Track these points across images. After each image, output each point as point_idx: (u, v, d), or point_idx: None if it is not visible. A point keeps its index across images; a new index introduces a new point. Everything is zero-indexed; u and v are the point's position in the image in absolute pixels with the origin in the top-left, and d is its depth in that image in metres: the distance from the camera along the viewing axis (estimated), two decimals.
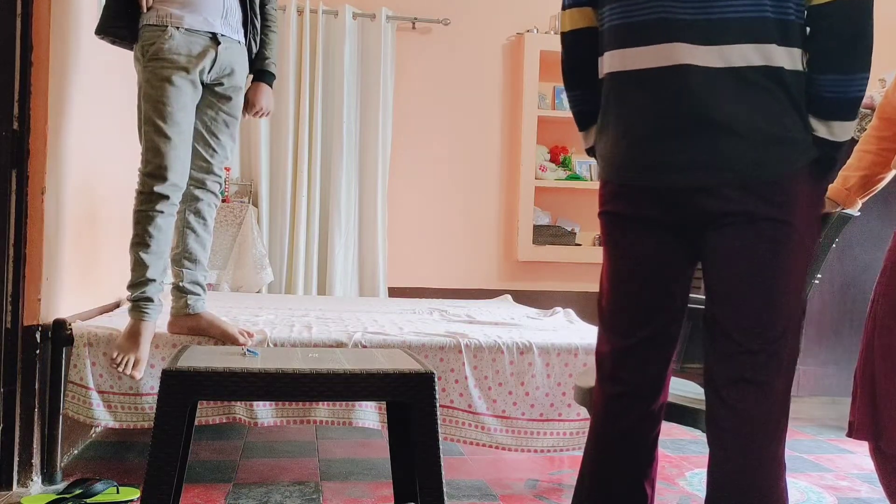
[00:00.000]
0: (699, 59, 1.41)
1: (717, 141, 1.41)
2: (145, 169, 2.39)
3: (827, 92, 1.43)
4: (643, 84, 1.47)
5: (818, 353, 3.84)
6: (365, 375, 1.79)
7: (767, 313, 1.46)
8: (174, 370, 1.80)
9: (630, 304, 1.59)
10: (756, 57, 1.39)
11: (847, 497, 2.65)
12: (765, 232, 1.43)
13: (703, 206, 1.45)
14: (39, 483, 2.42)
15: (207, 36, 2.45)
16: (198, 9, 2.43)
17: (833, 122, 1.44)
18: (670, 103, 1.43)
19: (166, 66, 2.37)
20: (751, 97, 1.40)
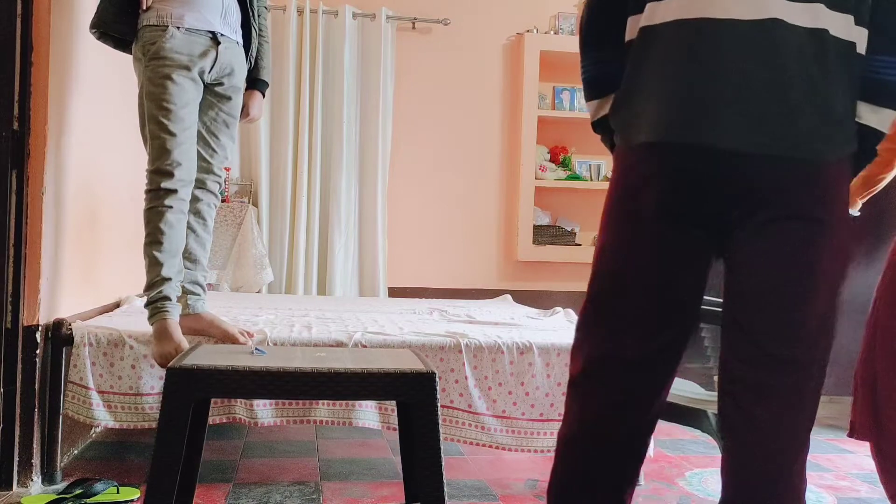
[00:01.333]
0: (790, 15, 1.27)
1: (794, 112, 1.27)
2: (152, 166, 2.38)
3: (889, 75, 1.32)
4: (724, 36, 1.29)
5: None
6: (366, 375, 1.79)
7: (803, 320, 1.34)
8: (178, 368, 1.80)
9: (649, 305, 1.39)
10: (838, 26, 1.29)
11: (847, 497, 2.66)
12: (808, 229, 1.31)
13: (752, 182, 1.29)
14: (39, 483, 2.42)
15: (208, 35, 2.45)
16: (197, 8, 2.42)
17: (886, 110, 1.35)
18: (755, 61, 1.27)
19: (168, 64, 2.36)
20: (829, 69, 1.28)
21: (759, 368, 1.34)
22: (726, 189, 1.32)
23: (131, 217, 3.42)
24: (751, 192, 1.31)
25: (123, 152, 3.27)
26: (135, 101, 2.54)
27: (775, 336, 1.33)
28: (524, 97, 4.83)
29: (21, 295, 2.36)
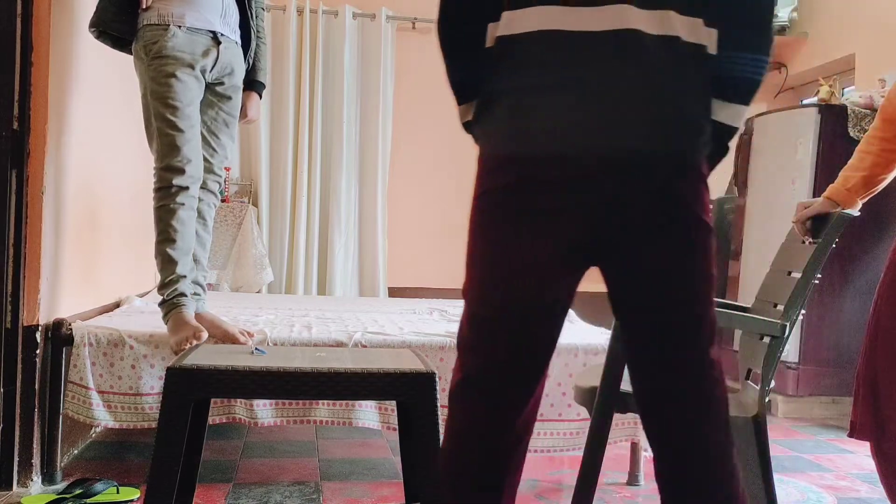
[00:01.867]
0: (645, 24, 1.28)
1: (655, 118, 1.28)
2: (162, 164, 2.38)
3: (740, 71, 1.34)
4: (582, 47, 1.29)
5: (818, 353, 3.84)
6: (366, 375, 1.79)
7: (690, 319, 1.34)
8: (178, 367, 1.80)
9: (522, 307, 1.36)
10: (688, 30, 1.30)
11: (847, 497, 2.65)
12: (679, 232, 1.32)
13: (617, 188, 1.29)
14: (39, 483, 2.42)
15: (209, 35, 2.46)
16: (198, 8, 2.43)
17: (738, 106, 1.36)
18: (617, 71, 1.28)
19: (171, 62, 2.37)
20: (684, 73, 1.30)
21: (663, 371, 1.35)
22: (591, 196, 1.31)
23: (131, 217, 3.42)
24: (616, 198, 1.30)
25: (123, 152, 3.27)
26: (135, 101, 2.54)
27: (667, 337, 1.34)
28: None
29: (21, 295, 2.36)
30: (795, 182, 3.89)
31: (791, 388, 3.85)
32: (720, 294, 4.45)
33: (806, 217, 2.03)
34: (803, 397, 3.86)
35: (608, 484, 2.67)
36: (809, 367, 3.84)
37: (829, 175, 3.78)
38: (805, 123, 3.88)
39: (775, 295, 2.05)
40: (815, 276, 1.90)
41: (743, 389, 2.10)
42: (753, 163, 4.25)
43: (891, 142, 2.00)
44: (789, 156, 3.96)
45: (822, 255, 1.89)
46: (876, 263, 3.83)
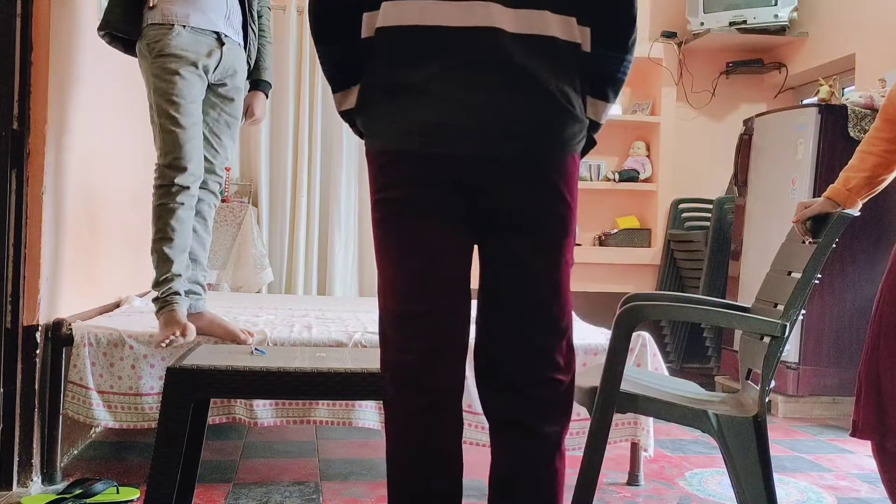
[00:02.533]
0: (506, 22, 1.32)
1: (524, 111, 1.34)
2: (164, 160, 2.38)
3: (609, 70, 1.42)
4: (447, 42, 1.33)
5: (818, 353, 3.84)
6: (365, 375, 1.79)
7: (561, 309, 1.46)
8: (178, 368, 1.81)
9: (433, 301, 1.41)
10: (558, 28, 1.35)
11: (847, 497, 2.65)
12: (556, 223, 1.41)
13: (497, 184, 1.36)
14: (39, 483, 2.42)
15: (213, 35, 2.46)
16: (202, 8, 2.44)
17: (605, 104, 1.44)
18: (480, 67, 1.32)
19: (174, 60, 2.37)
20: (559, 69, 1.35)
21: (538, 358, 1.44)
22: (473, 191, 1.37)
23: (131, 217, 3.41)
24: (497, 193, 1.36)
25: (124, 152, 3.26)
26: (135, 101, 2.55)
27: (545, 327, 1.43)
28: None
29: (21, 295, 2.36)
30: (795, 182, 3.89)
31: (791, 389, 3.85)
32: (720, 294, 4.45)
33: (806, 217, 2.03)
34: (803, 397, 3.86)
35: (608, 484, 2.67)
36: (809, 367, 3.84)
37: (829, 175, 3.79)
38: (805, 124, 3.88)
39: (775, 295, 2.05)
40: (816, 276, 1.90)
41: (743, 389, 2.09)
42: (753, 163, 4.25)
43: (892, 142, 2.00)
44: (789, 156, 3.96)
45: (822, 255, 1.89)
46: (876, 263, 3.83)
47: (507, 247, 1.41)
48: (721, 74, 5.18)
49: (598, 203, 5.18)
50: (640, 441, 2.60)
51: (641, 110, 5.16)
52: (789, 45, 4.96)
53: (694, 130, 5.19)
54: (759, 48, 5.10)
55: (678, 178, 5.10)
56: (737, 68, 5.13)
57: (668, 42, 5.06)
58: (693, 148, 5.16)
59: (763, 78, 5.25)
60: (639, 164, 5.14)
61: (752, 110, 4.94)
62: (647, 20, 5.17)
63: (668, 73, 5.05)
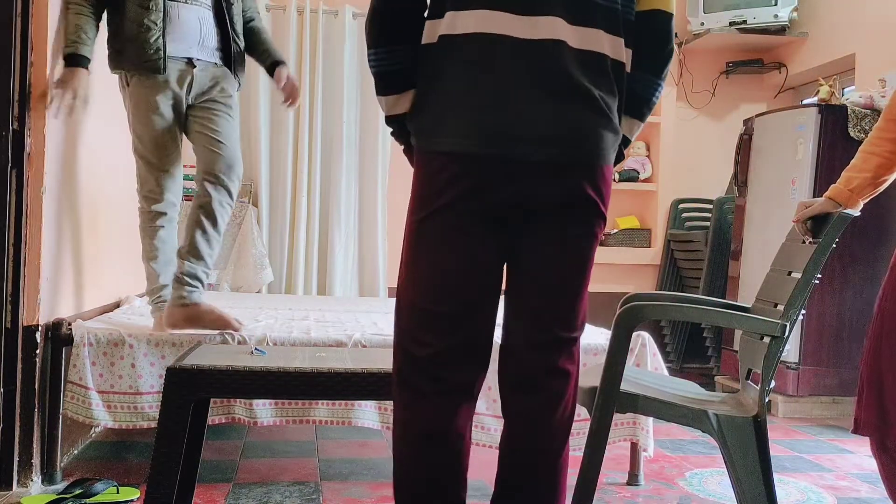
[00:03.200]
0: (569, 37, 1.42)
1: (579, 119, 1.43)
2: (142, 191, 2.61)
3: (644, 92, 1.55)
4: (514, 51, 1.41)
5: (818, 352, 3.84)
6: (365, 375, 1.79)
7: (579, 305, 1.55)
8: (178, 368, 1.81)
9: (459, 300, 1.48)
10: (612, 48, 1.46)
11: (847, 497, 2.65)
12: (591, 226, 1.50)
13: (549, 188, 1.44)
14: (39, 483, 2.42)
15: (184, 61, 2.58)
16: (176, 38, 2.55)
17: (638, 122, 1.57)
18: (543, 76, 1.41)
19: (149, 92, 2.52)
20: (607, 85, 1.46)
21: (552, 349, 1.53)
22: (528, 194, 1.44)
23: (131, 217, 3.41)
24: (541, 196, 1.44)
25: (123, 152, 3.26)
26: None
27: (564, 321, 1.53)
28: None
29: (21, 295, 2.35)
30: (795, 182, 3.89)
31: (791, 389, 3.85)
32: (720, 294, 4.45)
33: (807, 217, 2.03)
34: (803, 397, 3.86)
35: (608, 484, 2.67)
36: (809, 367, 3.84)
37: (829, 175, 3.79)
38: (805, 124, 3.88)
39: (775, 295, 2.05)
40: (816, 276, 1.90)
41: (743, 389, 2.10)
42: (754, 163, 4.25)
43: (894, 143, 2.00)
44: (789, 156, 3.96)
45: (822, 255, 1.89)
46: (876, 263, 3.83)
47: (540, 248, 1.50)
48: (721, 74, 5.18)
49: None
50: (640, 441, 2.60)
51: None
52: (789, 45, 4.96)
53: (694, 130, 5.19)
54: (759, 48, 5.10)
55: (678, 178, 5.10)
56: (737, 68, 5.13)
57: None
58: (693, 148, 5.16)
59: (763, 78, 5.25)
60: (639, 164, 5.14)
61: (752, 110, 4.94)
62: None
63: (669, 73, 5.05)
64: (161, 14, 2.50)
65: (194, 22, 2.58)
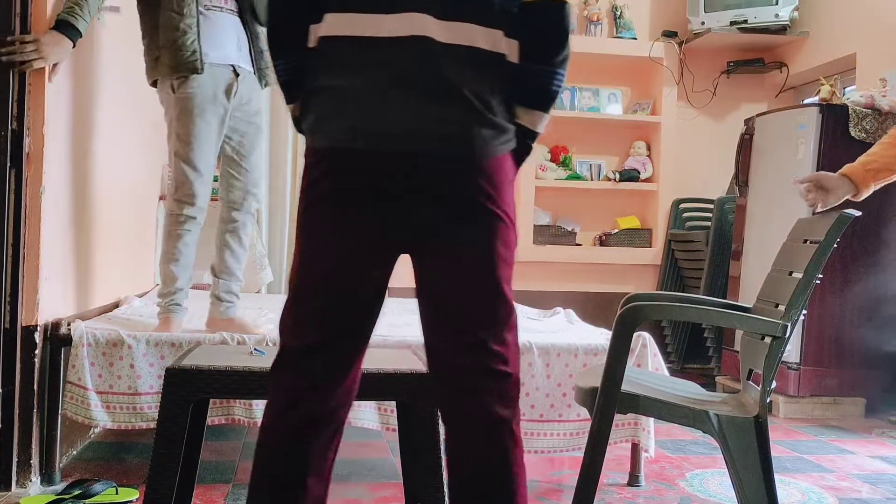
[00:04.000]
0: (436, 32, 1.41)
1: (453, 116, 1.41)
2: (176, 195, 2.65)
3: (534, 81, 1.48)
4: (379, 50, 1.42)
5: (819, 353, 3.83)
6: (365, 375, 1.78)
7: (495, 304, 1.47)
8: (177, 368, 1.80)
9: (330, 294, 1.49)
10: (483, 40, 1.43)
11: (848, 497, 2.65)
12: (479, 222, 1.44)
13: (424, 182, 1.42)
14: (38, 483, 2.41)
15: (229, 68, 2.64)
16: (218, 45, 2.61)
17: (538, 112, 1.50)
18: (406, 73, 1.41)
19: (194, 101, 2.57)
20: (481, 78, 1.42)
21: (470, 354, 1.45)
22: (402, 188, 1.42)
23: (131, 217, 3.41)
24: (424, 190, 1.42)
25: (123, 152, 3.26)
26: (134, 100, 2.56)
27: (476, 324, 1.45)
28: None
29: (19, 295, 2.35)
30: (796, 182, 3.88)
31: (792, 389, 3.84)
32: (721, 294, 4.45)
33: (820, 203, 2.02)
34: (804, 398, 3.86)
35: (609, 485, 2.66)
36: (810, 367, 3.83)
37: None
38: (806, 123, 3.87)
39: (776, 295, 2.04)
40: (817, 276, 1.89)
41: (744, 390, 2.09)
42: (754, 162, 4.24)
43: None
44: (790, 156, 3.95)
45: (823, 255, 1.88)
46: (876, 263, 3.83)
47: (433, 247, 1.47)
48: (722, 74, 5.18)
49: (598, 203, 5.17)
50: (641, 441, 2.60)
51: (642, 110, 5.16)
52: (790, 44, 4.95)
53: (695, 130, 5.18)
54: (759, 48, 5.09)
55: (679, 178, 5.09)
56: (738, 68, 5.13)
57: (668, 41, 5.05)
58: (694, 148, 5.16)
59: (764, 77, 5.25)
60: (639, 164, 5.14)
61: (753, 110, 4.93)
62: (647, 20, 5.17)
63: (669, 73, 5.05)
64: (195, 19, 2.55)
65: (230, 27, 2.65)
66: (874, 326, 3.83)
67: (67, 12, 2.38)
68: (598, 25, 5.04)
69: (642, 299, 2.09)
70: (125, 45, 3.02)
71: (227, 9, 2.65)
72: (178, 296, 2.68)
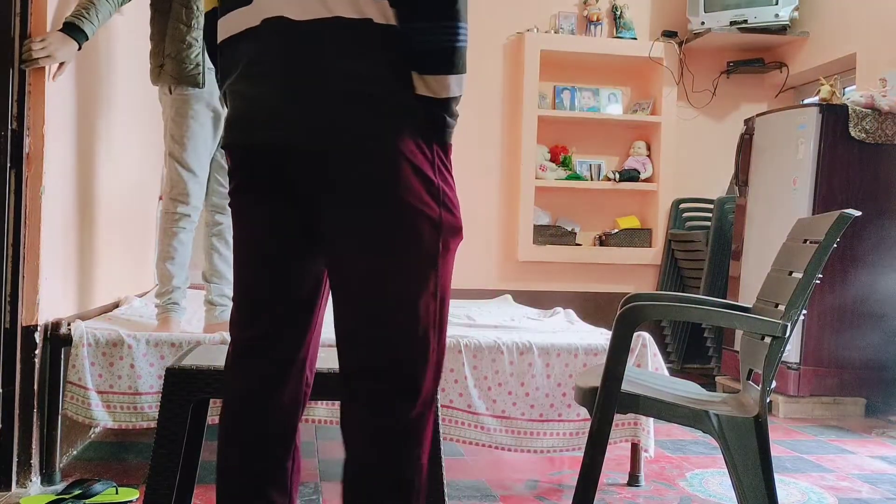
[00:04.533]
0: (289, 10, 1.30)
1: (312, 99, 1.30)
2: (170, 194, 2.70)
3: (418, 43, 1.29)
4: (241, 46, 1.38)
5: (819, 353, 3.83)
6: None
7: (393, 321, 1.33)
8: (177, 368, 1.80)
9: (247, 293, 1.45)
10: (343, 9, 1.28)
11: (848, 497, 2.65)
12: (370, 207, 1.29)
13: (309, 169, 1.32)
14: (38, 483, 2.41)
15: None
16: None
17: (429, 77, 1.31)
18: (262, 61, 1.34)
19: (189, 103, 2.63)
20: (345, 51, 1.29)
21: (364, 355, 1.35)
22: (290, 183, 1.35)
23: (130, 217, 3.41)
24: (312, 185, 1.32)
25: (123, 151, 3.26)
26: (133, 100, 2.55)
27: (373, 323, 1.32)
28: (524, 96, 4.82)
29: (20, 295, 2.35)
30: (797, 182, 3.88)
31: (792, 389, 3.84)
32: (721, 294, 4.45)
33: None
34: (804, 398, 3.86)
35: (609, 484, 2.66)
36: (810, 367, 3.83)
37: (830, 174, 3.79)
38: (806, 123, 3.87)
39: (776, 295, 2.04)
40: (817, 276, 1.89)
41: (744, 390, 2.09)
42: (754, 162, 4.24)
43: None
44: (790, 155, 3.95)
45: (823, 255, 1.88)
46: (876, 263, 3.83)
47: (330, 246, 1.36)
48: (722, 74, 5.18)
49: (598, 203, 5.17)
50: (641, 441, 2.60)
51: (642, 110, 5.16)
52: (790, 44, 4.95)
53: (695, 130, 5.18)
54: (759, 47, 5.09)
55: (679, 178, 5.09)
56: (738, 68, 5.13)
57: (668, 41, 5.05)
58: (694, 147, 5.16)
59: (764, 77, 5.25)
60: (639, 164, 5.14)
61: (753, 110, 4.93)
62: (647, 20, 5.16)
63: (669, 73, 5.05)
64: (202, 32, 2.54)
65: None
66: (874, 326, 3.83)
67: (75, 16, 2.40)
68: (598, 25, 5.04)
69: (642, 299, 2.09)
70: (126, 46, 3.02)
71: None
72: (176, 294, 2.72)
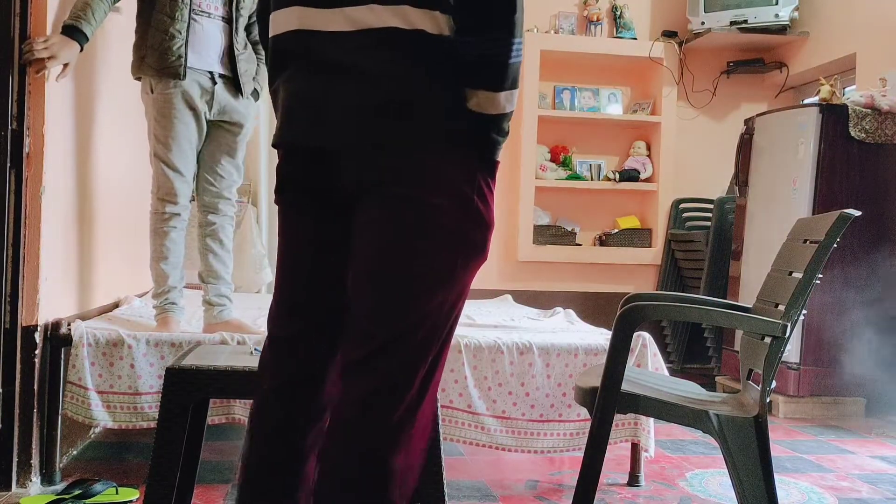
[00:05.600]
0: (321, 23, 1.30)
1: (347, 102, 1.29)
2: (158, 194, 2.69)
3: (469, 56, 1.27)
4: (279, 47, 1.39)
5: (818, 353, 3.83)
6: None
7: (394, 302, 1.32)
8: (177, 368, 1.80)
9: (288, 290, 1.48)
10: (389, 18, 1.26)
11: (848, 497, 2.65)
12: (395, 209, 1.29)
13: (343, 172, 1.33)
14: (38, 483, 2.41)
15: (206, 75, 2.67)
16: (199, 49, 2.64)
17: (480, 92, 1.28)
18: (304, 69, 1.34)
19: (171, 103, 2.60)
20: (381, 60, 1.27)
21: (358, 344, 1.34)
22: (336, 183, 1.36)
23: (131, 217, 3.41)
24: (351, 189, 1.34)
25: (123, 152, 3.26)
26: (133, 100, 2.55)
27: (375, 318, 1.32)
28: (524, 96, 4.82)
29: (19, 295, 2.35)
30: (796, 182, 3.88)
31: (792, 389, 3.84)
32: (721, 294, 4.45)
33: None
34: (804, 398, 3.86)
35: (608, 484, 2.66)
36: (810, 367, 3.83)
37: (830, 174, 3.80)
38: (806, 123, 3.87)
39: (776, 295, 2.04)
40: (817, 276, 1.89)
41: (744, 390, 2.09)
42: (754, 163, 4.24)
43: None
44: (790, 156, 3.95)
45: (823, 255, 1.88)
46: (876, 263, 3.83)
47: (357, 243, 1.37)
48: (722, 74, 5.18)
49: (598, 203, 5.17)
50: (641, 441, 2.60)
51: (642, 110, 5.16)
52: (790, 44, 4.95)
53: (695, 130, 5.18)
54: (759, 48, 5.09)
55: (679, 178, 5.09)
56: (738, 68, 5.13)
57: (668, 41, 5.05)
58: (694, 148, 5.16)
59: (764, 77, 5.25)
60: (639, 164, 5.14)
61: (753, 110, 4.93)
62: (647, 20, 5.17)
63: (669, 73, 5.05)
64: (185, 24, 2.59)
65: (216, 35, 2.68)
66: (874, 326, 3.83)
67: (73, 18, 2.41)
68: (598, 25, 5.04)
69: (642, 299, 2.09)
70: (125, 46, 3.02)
71: (216, 15, 2.69)
72: (173, 294, 2.71)
